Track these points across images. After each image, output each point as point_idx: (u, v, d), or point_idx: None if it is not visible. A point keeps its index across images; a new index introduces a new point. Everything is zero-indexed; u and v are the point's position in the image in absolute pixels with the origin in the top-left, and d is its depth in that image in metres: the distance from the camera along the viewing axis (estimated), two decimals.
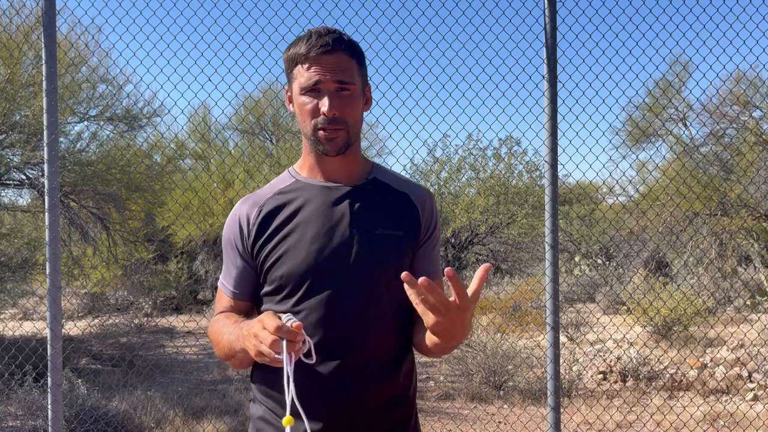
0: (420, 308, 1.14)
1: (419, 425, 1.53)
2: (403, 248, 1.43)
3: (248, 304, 1.48)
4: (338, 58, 1.35)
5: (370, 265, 1.38)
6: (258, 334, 1.20)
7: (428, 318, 1.16)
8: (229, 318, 1.42)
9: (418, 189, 1.51)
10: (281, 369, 1.20)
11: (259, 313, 1.41)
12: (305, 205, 1.42)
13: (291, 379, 1.19)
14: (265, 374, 1.44)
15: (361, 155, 1.50)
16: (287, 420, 1.16)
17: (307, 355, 1.25)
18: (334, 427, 1.36)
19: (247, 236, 1.44)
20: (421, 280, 1.10)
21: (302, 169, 1.48)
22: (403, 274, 1.11)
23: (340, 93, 1.36)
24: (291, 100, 1.43)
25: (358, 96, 1.40)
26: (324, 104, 1.34)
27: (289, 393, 1.19)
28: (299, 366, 1.23)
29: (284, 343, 1.17)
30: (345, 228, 1.40)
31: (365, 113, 1.50)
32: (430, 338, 1.29)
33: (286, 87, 1.45)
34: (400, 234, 1.43)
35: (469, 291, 1.13)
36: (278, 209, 1.43)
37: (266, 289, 1.43)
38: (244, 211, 1.45)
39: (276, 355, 1.17)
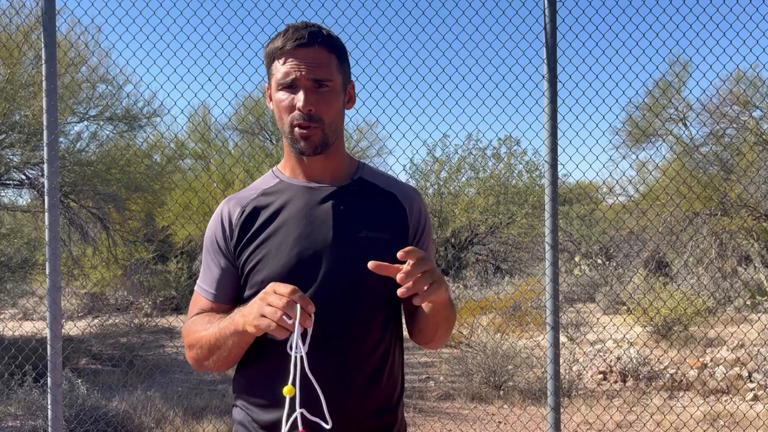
0: (417, 301, 1.17)
1: (405, 428, 1.48)
2: (389, 250, 1.36)
3: (227, 307, 1.39)
4: (315, 53, 1.31)
5: (353, 269, 1.33)
6: (266, 297, 1.17)
7: (423, 297, 1.18)
8: (212, 316, 1.37)
9: (406, 189, 1.47)
10: (261, 374, 1.16)
11: None
12: (288, 206, 1.38)
13: (303, 348, 1.14)
14: (247, 378, 1.41)
15: (345, 154, 1.45)
16: (288, 389, 1.12)
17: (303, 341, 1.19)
18: None
19: (230, 236, 1.40)
20: (396, 263, 1.16)
21: (285, 169, 1.45)
22: (370, 264, 1.16)
23: (318, 89, 1.31)
24: (271, 98, 1.39)
25: (338, 93, 1.35)
26: (299, 99, 1.30)
27: (296, 362, 1.14)
28: (273, 368, 1.20)
29: (298, 307, 1.12)
30: (328, 231, 1.35)
31: (349, 111, 1.45)
32: (426, 319, 1.35)
33: (267, 85, 1.40)
34: (386, 236, 1.38)
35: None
36: (261, 210, 1.39)
37: (248, 293, 1.38)
38: (227, 210, 1.42)
39: (284, 318, 1.12)
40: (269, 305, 1.15)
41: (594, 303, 10.69)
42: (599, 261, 13.60)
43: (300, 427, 1.15)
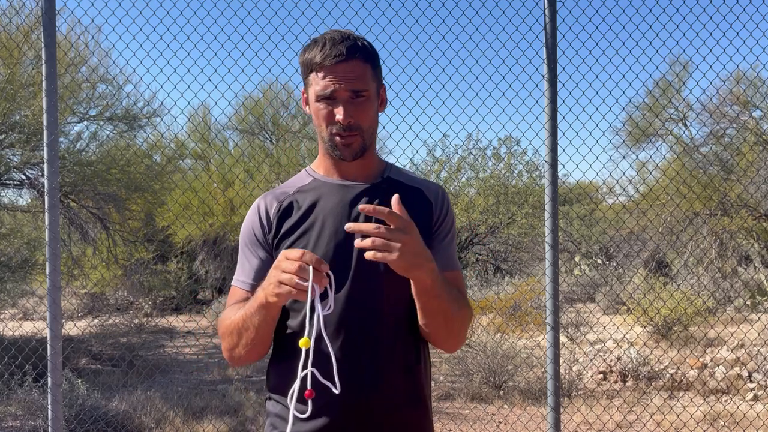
0: (379, 256, 1.19)
1: (432, 425, 1.52)
2: None
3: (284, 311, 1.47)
4: (352, 66, 1.38)
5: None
6: (280, 265, 1.22)
7: (391, 258, 1.19)
8: (241, 304, 1.43)
9: (429, 184, 1.56)
10: (293, 369, 1.19)
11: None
12: (324, 202, 1.46)
13: (319, 311, 1.19)
14: (280, 373, 1.47)
15: (375, 155, 1.54)
16: (304, 341, 1.16)
17: (323, 301, 1.23)
18: (344, 424, 1.38)
19: (267, 228, 1.47)
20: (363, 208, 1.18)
21: (319, 168, 1.53)
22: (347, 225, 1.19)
23: (354, 100, 1.39)
24: (307, 102, 1.47)
25: (373, 100, 1.43)
26: (339, 112, 1.38)
27: (315, 326, 1.18)
28: (315, 362, 1.24)
29: (311, 268, 1.17)
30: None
31: (380, 113, 1.53)
32: (418, 308, 1.36)
33: (303, 89, 1.48)
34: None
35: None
36: (297, 205, 1.47)
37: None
38: (264, 205, 1.50)
39: (299, 281, 1.17)
40: (284, 272, 1.20)
41: (594, 303, 10.69)
42: (599, 261, 13.60)
43: (308, 387, 1.19)
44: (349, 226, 1.20)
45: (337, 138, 1.41)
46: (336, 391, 1.26)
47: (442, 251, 1.49)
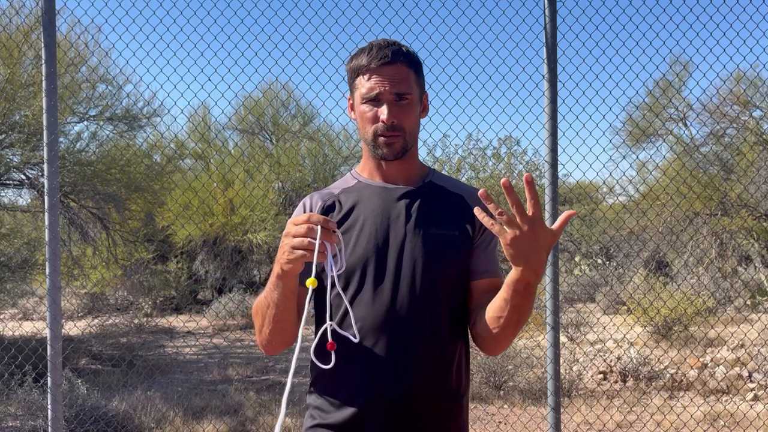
0: (496, 228, 1.20)
1: (467, 426, 1.53)
2: (458, 246, 1.48)
3: (304, 288, 1.52)
4: (397, 69, 1.45)
5: (423, 262, 1.44)
6: (289, 231, 1.26)
7: (505, 236, 1.20)
8: None
9: (472, 190, 1.58)
10: (337, 362, 1.25)
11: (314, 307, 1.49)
12: (366, 203, 1.51)
13: (332, 266, 1.26)
14: (323, 369, 1.47)
15: (418, 160, 1.59)
16: (311, 281, 1.21)
17: (338, 266, 1.30)
18: (379, 416, 1.40)
19: None
20: (503, 181, 1.16)
21: (363, 171, 1.58)
22: (481, 191, 1.19)
23: (399, 102, 1.45)
24: (352, 108, 1.52)
25: (416, 104, 1.49)
26: (383, 112, 1.44)
27: (332, 272, 1.26)
28: (346, 353, 1.30)
29: (319, 228, 1.22)
30: (401, 226, 1.48)
31: (423, 119, 1.58)
32: (500, 298, 1.33)
33: (348, 96, 1.54)
34: (454, 233, 1.49)
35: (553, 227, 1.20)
36: (340, 205, 1.53)
37: (327, 281, 1.49)
38: (309, 202, 1.57)
39: (312, 240, 1.22)
40: (294, 236, 1.25)
41: (594, 303, 10.69)
42: (599, 261, 13.59)
43: (329, 339, 1.28)
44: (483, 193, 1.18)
45: (381, 138, 1.46)
46: (355, 341, 1.33)
47: (485, 258, 1.51)
